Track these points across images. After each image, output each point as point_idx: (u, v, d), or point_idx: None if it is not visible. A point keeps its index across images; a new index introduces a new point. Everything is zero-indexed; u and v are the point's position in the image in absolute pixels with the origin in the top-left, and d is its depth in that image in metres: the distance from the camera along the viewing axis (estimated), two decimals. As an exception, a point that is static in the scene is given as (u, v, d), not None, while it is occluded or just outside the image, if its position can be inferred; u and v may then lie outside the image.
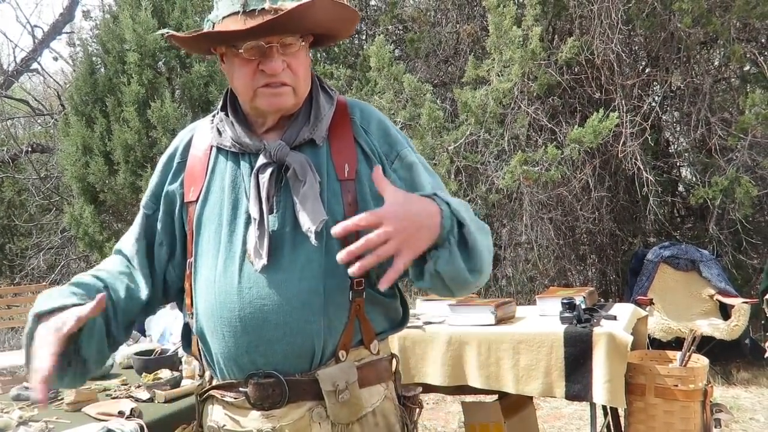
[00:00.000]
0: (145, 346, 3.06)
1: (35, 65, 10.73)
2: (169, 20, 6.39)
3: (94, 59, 6.70)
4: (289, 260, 1.23)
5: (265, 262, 1.22)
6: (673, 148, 6.98)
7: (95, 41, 7.02)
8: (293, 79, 1.25)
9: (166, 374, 2.44)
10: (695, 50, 5.93)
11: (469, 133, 5.27)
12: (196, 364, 2.41)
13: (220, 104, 1.36)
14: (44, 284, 6.00)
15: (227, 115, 1.33)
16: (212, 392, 1.32)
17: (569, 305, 2.82)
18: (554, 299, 2.99)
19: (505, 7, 5.00)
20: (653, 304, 4.90)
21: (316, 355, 1.23)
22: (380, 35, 5.69)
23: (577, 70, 5.80)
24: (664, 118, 6.46)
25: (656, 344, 4.53)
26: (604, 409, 3.13)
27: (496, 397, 2.97)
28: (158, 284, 1.38)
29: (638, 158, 5.40)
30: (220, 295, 1.25)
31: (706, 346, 4.42)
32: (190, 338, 1.36)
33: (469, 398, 3.35)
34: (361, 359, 1.27)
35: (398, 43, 7.34)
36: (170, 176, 1.37)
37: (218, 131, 1.34)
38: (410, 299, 5.77)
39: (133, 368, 2.69)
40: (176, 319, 3.34)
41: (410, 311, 1.41)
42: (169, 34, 1.29)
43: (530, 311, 3.17)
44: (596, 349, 2.62)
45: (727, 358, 4.99)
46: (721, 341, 4.73)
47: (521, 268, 6.30)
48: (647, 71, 6.15)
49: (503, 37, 5.00)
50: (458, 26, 6.45)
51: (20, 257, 9.48)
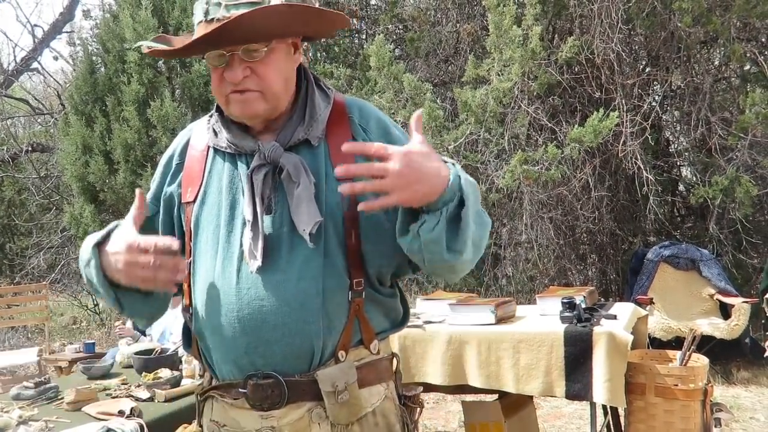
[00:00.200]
0: (145, 345, 3.07)
1: (35, 64, 10.74)
2: (169, 20, 6.39)
3: (94, 58, 6.70)
4: (286, 261, 1.23)
5: (259, 263, 1.21)
6: (673, 147, 6.98)
7: (95, 41, 7.03)
8: (260, 84, 1.23)
9: (166, 374, 2.44)
10: (695, 49, 5.93)
11: (469, 132, 5.26)
12: (196, 363, 2.42)
13: (215, 105, 1.36)
14: (44, 283, 5.98)
15: (222, 115, 1.33)
16: (212, 392, 1.32)
17: (569, 304, 2.82)
18: (554, 298, 2.99)
19: (505, 6, 5.00)
20: (653, 303, 4.90)
21: (315, 355, 1.23)
22: (380, 35, 5.69)
23: (577, 69, 5.80)
24: (664, 117, 6.46)
25: (656, 344, 4.52)
26: (604, 408, 3.13)
27: (496, 396, 2.97)
28: None
29: (638, 158, 5.40)
30: (218, 295, 1.25)
31: (706, 345, 4.41)
32: (190, 338, 1.36)
33: (469, 397, 3.35)
34: (360, 359, 1.27)
35: (398, 42, 7.34)
36: (169, 177, 1.38)
37: (214, 132, 1.34)
38: (410, 298, 5.77)
39: (133, 368, 2.69)
40: (176, 318, 3.34)
41: (410, 310, 1.40)
42: (149, 49, 1.30)
43: (530, 310, 3.17)
44: (596, 348, 2.62)
45: (727, 357, 4.99)
46: (721, 340, 4.73)
47: (521, 267, 6.30)
48: (647, 71, 6.15)
49: (503, 36, 5.00)
50: (458, 25, 6.44)
51: (20, 256, 9.49)
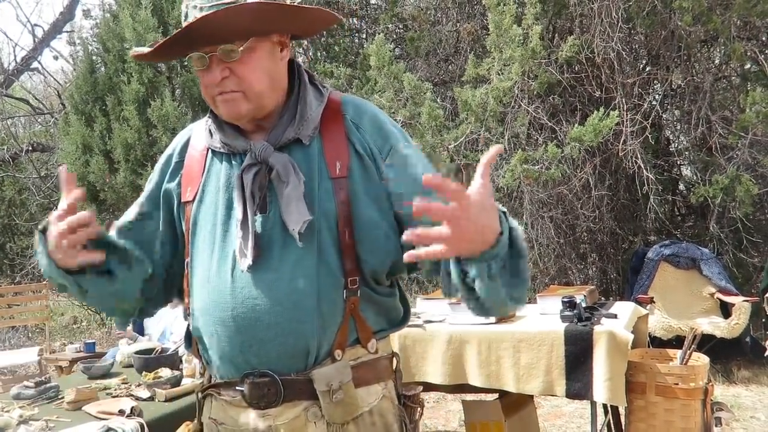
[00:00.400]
0: (145, 345, 3.07)
1: (35, 64, 10.73)
2: (169, 19, 6.39)
3: (94, 58, 6.69)
4: (279, 260, 1.23)
5: (249, 261, 1.22)
6: (673, 146, 6.97)
7: (95, 40, 7.02)
8: (240, 84, 1.22)
9: (166, 373, 2.44)
10: (696, 48, 5.92)
11: (469, 131, 5.26)
12: (196, 362, 2.42)
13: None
14: (44, 283, 5.97)
15: (216, 116, 1.33)
16: (211, 390, 1.33)
17: (570, 304, 2.83)
18: (555, 298, 2.99)
19: (505, 5, 4.99)
20: (654, 302, 4.90)
21: (310, 354, 1.23)
22: (380, 34, 5.69)
23: (577, 68, 5.79)
24: (664, 116, 6.46)
25: (657, 342, 4.52)
26: (604, 407, 3.13)
27: (496, 395, 2.97)
28: (154, 279, 1.37)
29: (639, 157, 5.39)
30: (213, 294, 1.26)
31: (706, 344, 4.41)
32: (191, 337, 1.37)
33: (469, 397, 3.35)
34: (357, 358, 1.26)
35: (398, 41, 7.33)
36: (168, 175, 1.38)
37: (210, 133, 1.34)
38: (411, 298, 5.77)
39: (133, 367, 2.69)
40: (176, 318, 3.35)
41: (411, 309, 1.40)
42: (134, 54, 1.31)
43: (531, 310, 3.17)
44: (597, 347, 2.62)
45: (727, 356, 4.99)
46: (721, 340, 4.72)
47: (522, 266, 6.29)
48: (648, 70, 6.14)
49: (503, 35, 4.99)
50: (458, 25, 6.44)
51: (21, 256, 9.48)
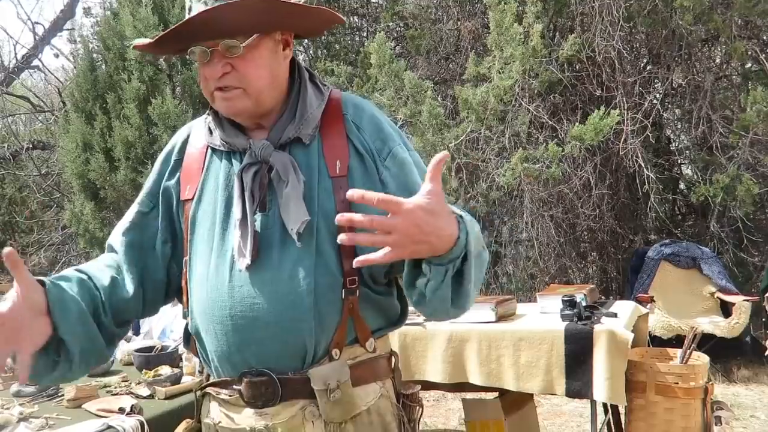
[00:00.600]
0: (145, 342, 3.06)
1: (36, 62, 10.70)
2: (169, 17, 6.38)
3: (94, 56, 6.68)
4: (278, 259, 1.22)
5: (248, 261, 1.21)
6: (674, 145, 6.97)
7: (96, 38, 7.01)
8: (241, 80, 1.21)
9: (166, 371, 2.44)
10: (696, 47, 5.92)
11: (469, 130, 5.26)
12: (196, 360, 2.42)
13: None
14: (45, 281, 5.97)
15: (216, 114, 1.32)
16: (208, 389, 1.32)
17: (570, 302, 2.82)
18: (555, 296, 2.99)
19: (506, 4, 4.99)
20: (654, 301, 4.90)
21: (308, 353, 1.23)
22: (381, 32, 5.68)
23: (578, 67, 5.79)
24: (665, 115, 6.45)
25: (657, 342, 4.52)
26: (604, 406, 3.13)
27: (496, 394, 2.97)
28: (149, 279, 1.36)
29: (639, 156, 5.39)
30: (212, 293, 1.25)
31: (706, 343, 4.41)
32: (189, 336, 1.36)
33: (469, 395, 3.35)
34: (355, 357, 1.26)
35: (399, 40, 7.33)
36: (167, 173, 1.37)
37: (209, 130, 1.33)
38: (411, 296, 5.75)
39: (133, 365, 2.69)
40: (176, 316, 3.34)
41: (410, 308, 1.40)
42: (135, 45, 1.30)
43: (531, 308, 3.18)
44: (597, 346, 2.62)
45: (727, 355, 4.99)
46: (721, 339, 4.73)
47: (522, 265, 6.30)
48: (648, 68, 6.13)
49: (504, 34, 4.99)
50: (459, 23, 6.43)
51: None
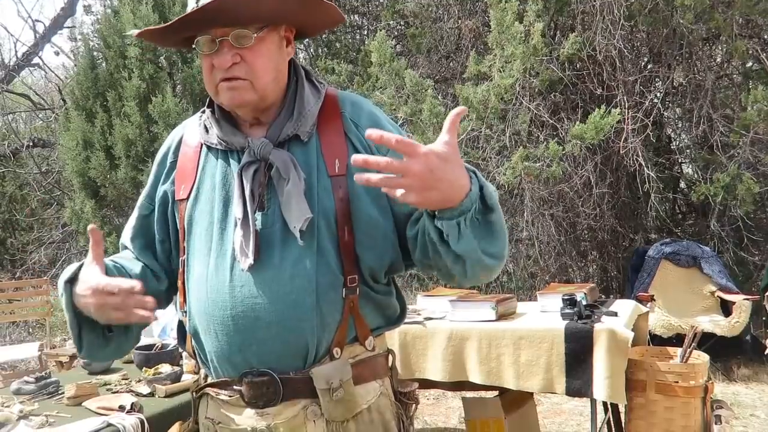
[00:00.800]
0: (146, 341, 3.06)
1: (36, 60, 10.72)
2: (170, 15, 6.38)
3: (95, 54, 6.69)
4: (279, 258, 1.22)
5: (251, 261, 1.20)
6: (674, 144, 6.97)
7: (96, 36, 7.02)
8: (249, 72, 1.21)
9: (166, 369, 2.44)
10: (697, 46, 5.92)
11: (470, 128, 5.26)
12: (196, 359, 2.42)
13: (207, 101, 1.34)
14: (45, 279, 5.98)
15: (213, 112, 1.32)
16: (207, 390, 1.31)
17: (570, 301, 2.82)
18: (555, 295, 2.99)
19: (507, 2, 4.99)
20: (654, 300, 4.90)
21: (309, 353, 1.22)
22: (382, 31, 5.68)
23: (578, 66, 5.79)
24: (665, 114, 6.44)
25: (657, 340, 4.52)
26: (604, 405, 3.13)
27: (496, 392, 2.97)
28: (168, 273, 1.39)
29: (640, 155, 5.39)
30: (212, 293, 1.24)
31: (706, 342, 4.40)
32: (185, 336, 1.36)
33: (469, 394, 3.35)
34: (356, 356, 1.26)
35: (400, 38, 7.33)
36: (163, 175, 1.37)
37: (205, 128, 1.33)
38: (411, 295, 5.77)
39: (133, 363, 2.69)
40: (176, 315, 3.34)
41: (410, 307, 1.40)
42: (136, 33, 1.29)
43: (531, 307, 3.18)
44: (597, 345, 2.62)
45: (727, 354, 4.99)
46: (721, 338, 4.73)
47: (522, 264, 6.30)
48: (649, 67, 6.13)
49: (505, 32, 4.99)
50: (460, 22, 6.42)
51: (21, 252, 9.49)
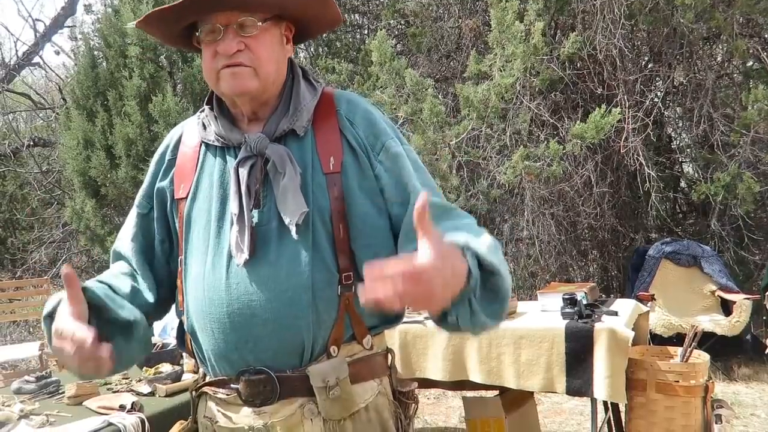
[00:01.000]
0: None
1: (37, 59, 10.72)
2: (170, 14, 6.37)
3: (95, 53, 6.69)
4: (275, 255, 1.22)
5: (246, 256, 1.20)
6: (675, 143, 6.96)
7: (97, 35, 7.02)
8: (253, 60, 1.22)
9: (167, 368, 2.44)
10: (698, 46, 5.91)
11: (470, 128, 5.25)
12: (196, 358, 2.42)
13: (206, 99, 1.35)
14: (46, 278, 5.98)
15: (212, 109, 1.32)
16: (205, 388, 1.31)
17: (570, 301, 2.83)
18: (555, 295, 2.99)
19: (507, 1, 4.98)
20: (654, 299, 4.90)
21: (306, 350, 1.22)
22: (382, 30, 5.68)
23: (579, 65, 5.78)
24: (666, 113, 6.44)
25: (657, 340, 4.53)
26: (604, 404, 3.13)
27: (497, 392, 2.97)
28: (164, 280, 1.37)
29: (640, 154, 5.39)
30: (208, 291, 1.24)
31: (707, 342, 4.41)
32: (184, 335, 1.35)
33: (469, 393, 3.35)
34: (353, 355, 1.26)
35: (400, 37, 7.32)
36: (161, 173, 1.37)
37: (203, 126, 1.33)
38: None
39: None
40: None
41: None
42: (141, 18, 1.28)
43: (531, 306, 3.18)
44: (597, 344, 2.62)
45: (728, 354, 4.99)
46: (722, 337, 4.72)
47: (522, 263, 6.30)
48: (650, 67, 6.12)
49: (505, 32, 4.98)
50: (460, 21, 6.42)
51: (22, 251, 9.49)
